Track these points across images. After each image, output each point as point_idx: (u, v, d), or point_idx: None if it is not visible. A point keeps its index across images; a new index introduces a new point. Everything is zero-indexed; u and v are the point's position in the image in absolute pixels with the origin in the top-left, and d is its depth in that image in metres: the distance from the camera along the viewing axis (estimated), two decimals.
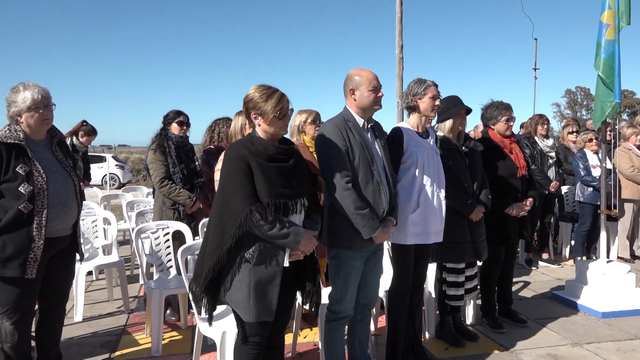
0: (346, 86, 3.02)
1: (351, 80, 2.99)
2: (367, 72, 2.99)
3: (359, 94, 2.96)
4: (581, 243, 6.48)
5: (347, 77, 3.02)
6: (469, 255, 3.77)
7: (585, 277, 4.96)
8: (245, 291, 2.46)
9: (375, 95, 2.96)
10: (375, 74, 3.00)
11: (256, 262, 2.45)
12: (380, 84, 3.00)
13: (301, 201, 2.54)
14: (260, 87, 2.56)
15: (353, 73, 3.01)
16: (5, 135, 2.90)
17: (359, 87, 2.95)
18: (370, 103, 2.96)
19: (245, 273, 2.46)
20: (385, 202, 2.97)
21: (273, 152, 2.49)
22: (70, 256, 3.22)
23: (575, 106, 67.11)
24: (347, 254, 2.95)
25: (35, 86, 2.98)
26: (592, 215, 6.32)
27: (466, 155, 3.86)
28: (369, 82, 2.95)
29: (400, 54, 10.89)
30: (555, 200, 6.86)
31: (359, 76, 2.97)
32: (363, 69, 3.01)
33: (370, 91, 2.95)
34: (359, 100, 2.96)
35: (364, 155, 2.90)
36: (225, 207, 2.43)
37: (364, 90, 2.94)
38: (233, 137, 4.08)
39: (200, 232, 4.16)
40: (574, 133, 7.05)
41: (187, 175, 4.58)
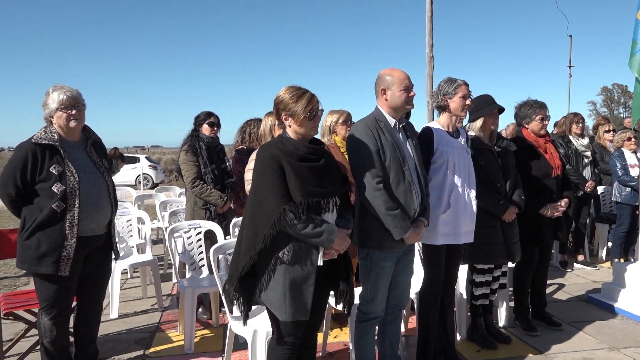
0: (377, 86, 3.01)
1: (382, 80, 2.98)
2: (399, 71, 2.98)
3: (391, 93, 2.94)
4: (619, 245, 6.31)
5: (379, 77, 3.01)
6: (502, 256, 3.70)
7: (623, 280, 4.82)
8: (281, 291, 2.47)
9: (407, 94, 2.94)
10: (406, 74, 2.98)
11: (290, 261, 2.46)
12: (412, 83, 2.98)
13: (333, 200, 2.55)
14: (290, 88, 2.57)
15: (384, 73, 2.99)
16: (41, 136, 3.00)
17: (391, 87, 2.94)
18: (402, 103, 2.94)
19: (280, 273, 2.47)
20: (417, 202, 2.95)
21: (304, 152, 2.50)
22: (106, 255, 3.30)
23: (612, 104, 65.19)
24: (378, 255, 2.94)
25: (63, 87, 3.07)
26: (630, 216, 6.15)
27: (499, 155, 3.80)
28: (401, 81, 2.93)
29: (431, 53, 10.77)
30: (591, 200, 6.69)
31: (390, 76, 2.96)
32: (394, 69, 3.00)
33: (402, 91, 2.93)
34: (391, 100, 2.95)
35: (395, 156, 2.89)
36: (259, 207, 2.44)
37: (396, 90, 2.93)
38: (263, 138, 4.12)
39: (232, 232, 4.21)
40: (610, 132, 6.86)
41: (218, 175, 4.63)
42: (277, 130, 3.99)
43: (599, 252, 6.87)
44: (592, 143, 6.69)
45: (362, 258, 3.00)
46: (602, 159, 6.70)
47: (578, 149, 6.21)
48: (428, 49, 10.81)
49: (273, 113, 3.47)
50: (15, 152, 3.02)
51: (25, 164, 2.94)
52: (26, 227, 2.99)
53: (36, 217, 2.96)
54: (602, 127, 7.07)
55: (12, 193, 2.99)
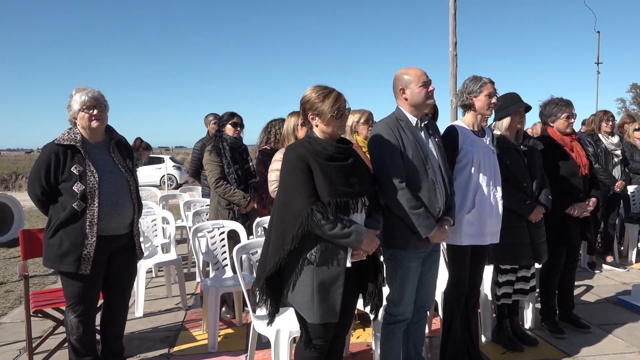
0: (395, 87, 3.00)
1: (400, 80, 2.97)
2: (414, 69, 2.97)
3: (410, 91, 2.93)
4: None
5: (395, 79, 3.00)
6: (528, 257, 3.64)
7: None
8: (309, 292, 2.45)
9: (426, 90, 2.92)
10: (422, 70, 2.96)
11: (319, 262, 2.44)
12: (430, 78, 2.96)
13: (362, 200, 2.52)
14: (316, 88, 2.56)
15: (400, 73, 2.98)
16: (63, 137, 3.09)
17: (409, 85, 2.93)
18: (423, 99, 2.92)
19: (308, 274, 2.44)
20: (441, 201, 2.92)
21: (332, 152, 2.48)
22: (130, 254, 3.34)
23: None
24: (403, 255, 2.92)
25: (85, 89, 3.14)
26: None
27: (525, 154, 3.74)
28: (418, 78, 2.92)
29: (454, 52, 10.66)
30: (620, 200, 6.54)
31: (407, 75, 2.95)
32: (410, 67, 2.99)
33: (420, 87, 2.91)
34: (411, 98, 2.93)
35: (418, 154, 2.86)
36: (286, 208, 2.43)
37: (415, 87, 2.91)
38: (286, 138, 4.12)
39: (255, 232, 4.23)
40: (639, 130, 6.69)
41: (242, 175, 4.66)
42: (300, 130, 3.99)
43: (629, 253, 6.71)
44: (622, 141, 6.54)
45: (387, 259, 2.98)
46: (632, 158, 6.54)
47: (608, 148, 6.09)
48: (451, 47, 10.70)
49: (296, 113, 3.46)
50: (40, 153, 3.13)
51: (48, 165, 3.04)
52: (50, 226, 3.08)
53: (59, 216, 3.04)
54: (630, 125, 6.91)
55: (38, 192, 3.09)
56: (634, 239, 6.66)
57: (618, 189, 6.03)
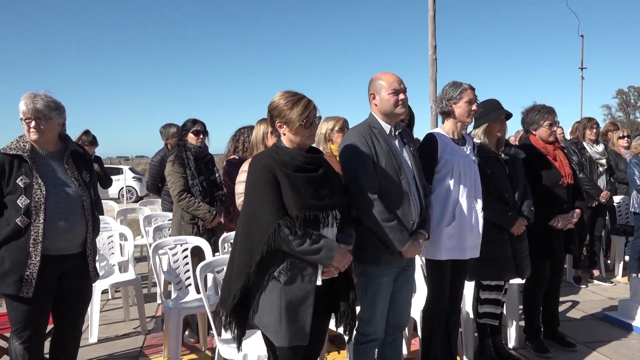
0: (369, 91, 3.05)
1: (372, 84, 3.02)
2: (388, 74, 3.01)
3: (379, 98, 2.98)
4: (637, 258, 6.27)
5: (369, 83, 3.06)
6: (510, 272, 3.71)
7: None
8: (276, 313, 2.44)
9: (396, 98, 2.96)
10: (397, 76, 3.01)
11: (287, 280, 2.44)
12: (404, 86, 3.00)
13: (333, 213, 2.54)
14: (285, 94, 2.57)
15: (374, 77, 3.03)
16: (11, 146, 2.99)
17: (380, 91, 2.98)
18: (391, 107, 2.96)
19: (275, 293, 2.44)
20: (416, 213, 2.96)
21: (300, 162, 2.50)
22: (84, 275, 3.23)
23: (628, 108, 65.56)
24: (375, 270, 2.94)
25: (31, 96, 3.00)
26: None
27: (506, 163, 3.82)
28: (389, 85, 2.96)
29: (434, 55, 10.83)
30: (606, 211, 6.69)
31: (379, 80, 3.00)
32: (385, 72, 3.04)
33: (390, 94, 2.95)
34: (380, 105, 2.98)
35: (391, 164, 2.90)
36: (252, 222, 2.43)
37: (384, 94, 2.96)
38: (254, 147, 4.12)
39: (221, 248, 4.20)
40: (625, 138, 6.88)
41: (207, 187, 4.63)
42: (270, 138, 4.00)
43: (615, 266, 6.87)
44: (607, 150, 6.70)
45: (358, 274, 2.99)
46: (618, 167, 6.71)
47: (592, 157, 6.21)
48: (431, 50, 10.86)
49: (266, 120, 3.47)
50: None
51: None
52: None
53: (2, 232, 2.94)
54: (615, 133, 7.10)
55: None
56: (620, 251, 6.82)
57: (603, 200, 6.17)
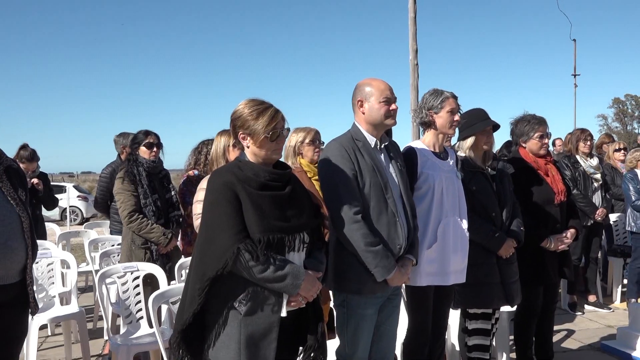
0: (354, 98, 3.08)
1: (360, 90, 3.05)
2: (379, 81, 3.06)
3: (369, 106, 3.00)
4: (635, 282, 6.37)
5: (356, 88, 3.09)
6: (499, 298, 3.73)
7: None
8: (234, 348, 2.42)
9: (387, 107, 3.00)
10: (388, 84, 3.06)
11: (247, 311, 2.43)
12: (395, 96, 3.05)
13: (300, 236, 2.54)
14: (250, 102, 2.58)
15: (362, 83, 3.07)
16: None
17: (369, 98, 3.00)
18: (381, 117, 3.00)
19: (234, 326, 2.43)
20: (403, 236, 2.97)
21: (265, 178, 2.50)
22: (19, 309, 3.15)
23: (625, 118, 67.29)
24: (358, 300, 2.94)
25: None
26: None
27: (493, 179, 3.87)
28: (381, 92, 3.00)
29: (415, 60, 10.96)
30: (602, 230, 6.78)
31: (369, 86, 3.03)
32: (374, 78, 3.08)
33: (381, 103, 2.99)
34: (368, 114, 3.01)
35: (377, 181, 2.92)
36: (209, 246, 2.41)
37: (374, 102, 2.99)
38: (215, 161, 4.10)
39: (177, 276, 4.16)
40: (621, 150, 7.02)
41: (162, 207, 4.60)
42: (232, 152, 3.99)
43: (613, 291, 6.95)
44: (602, 164, 6.82)
45: (339, 305, 2.99)
46: (614, 182, 6.81)
47: (587, 171, 6.30)
48: (412, 55, 10.99)
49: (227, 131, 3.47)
50: None
51: None
52: None
53: None
54: (610, 145, 7.24)
55: None
56: (618, 274, 6.89)
57: (599, 218, 6.26)
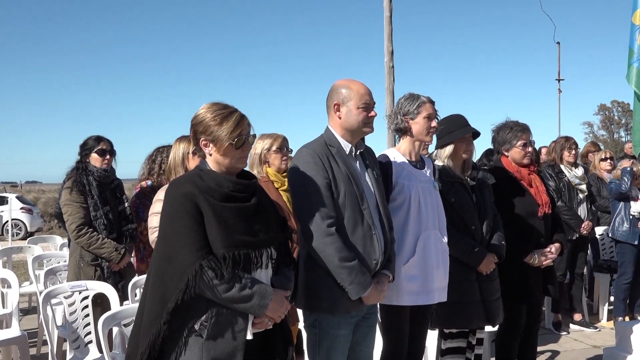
0: (330, 100, 3.07)
1: (337, 93, 3.05)
2: (358, 84, 3.06)
3: (346, 111, 3.01)
4: (622, 299, 6.45)
5: (332, 90, 3.08)
6: (479, 318, 3.76)
7: (629, 344, 4.96)
8: None
9: (366, 114, 3.00)
10: (368, 88, 3.06)
11: (210, 334, 2.41)
12: (374, 101, 3.06)
13: (267, 252, 2.54)
14: (213, 106, 2.57)
15: (340, 84, 3.07)
16: None
17: (347, 102, 3.00)
18: (359, 123, 3.01)
19: (195, 351, 2.41)
20: (379, 250, 2.98)
21: (229, 189, 2.50)
22: None
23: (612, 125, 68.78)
24: (330, 320, 2.93)
25: None
26: (635, 261, 6.31)
27: (473, 189, 3.91)
28: (360, 97, 3.00)
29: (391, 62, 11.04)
30: (588, 245, 6.86)
31: (347, 89, 3.02)
32: (353, 80, 3.08)
33: (360, 109, 2.99)
34: (345, 119, 3.01)
35: (352, 191, 2.92)
36: (168, 263, 2.40)
37: (353, 107, 2.99)
38: (172, 170, 4.07)
39: (130, 295, 4.12)
40: (607, 160, 7.13)
41: (114, 220, 4.58)
42: (192, 160, 3.97)
43: (600, 309, 7.03)
44: (587, 174, 6.91)
45: (310, 325, 2.99)
46: (600, 194, 6.90)
47: (571, 182, 6.38)
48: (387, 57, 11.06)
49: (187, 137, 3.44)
50: None
51: None
52: None
53: None
54: (596, 154, 7.35)
55: None
56: (605, 291, 6.96)
57: (585, 231, 6.32)
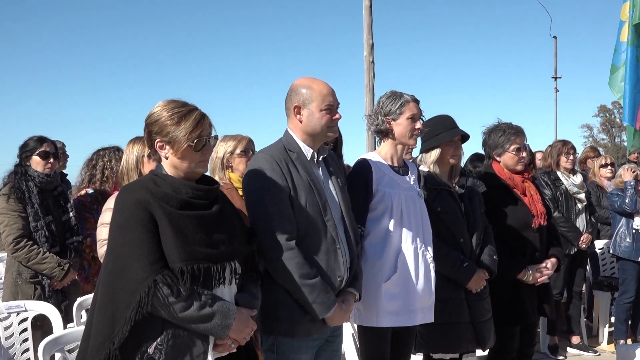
0: (289, 101, 3.06)
1: (297, 93, 3.03)
2: (320, 83, 3.05)
3: (307, 113, 3.00)
4: (623, 320, 6.49)
5: (292, 90, 3.07)
6: (468, 341, 3.78)
7: None
8: None
9: (330, 117, 3.00)
10: (331, 88, 3.05)
11: (166, 359, 2.40)
12: (338, 101, 3.05)
13: (231, 266, 2.55)
14: (170, 104, 2.57)
15: (300, 84, 3.05)
16: None
17: (308, 104, 3.00)
18: (322, 128, 3.00)
19: None
20: (344, 266, 2.98)
21: (188, 196, 2.50)
22: None
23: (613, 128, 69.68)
24: (290, 344, 2.92)
25: None
26: (638, 279, 6.37)
27: (462, 198, 3.93)
28: (323, 98, 2.99)
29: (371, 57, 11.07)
30: (587, 260, 6.90)
31: (308, 89, 3.01)
32: (314, 79, 3.07)
33: (323, 111, 2.99)
34: (307, 123, 3.00)
35: (313, 201, 2.92)
36: (117, 279, 2.39)
37: (315, 110, 2.99)
38: (125, 175, 4.02)
39: (75, 317, 4.07)
40: (608, 166, 7.18)
41: (57, 231, 4.56)
42: (147, 164, 3.93)
43: (600, 330, 7.06)
44: (586, 181, 6.96)
45: (267, 350, 2.98)
46: (600, 203, 6.97)
47: (569, 190, 6.41)
48: (366, 51, 11.10)
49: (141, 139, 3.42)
50: None
51: None
52: None
53: None
54: (595, 160, 7.41)
55: None
56: (605, 311, 6.99)
57: (584, 245, 6.35)
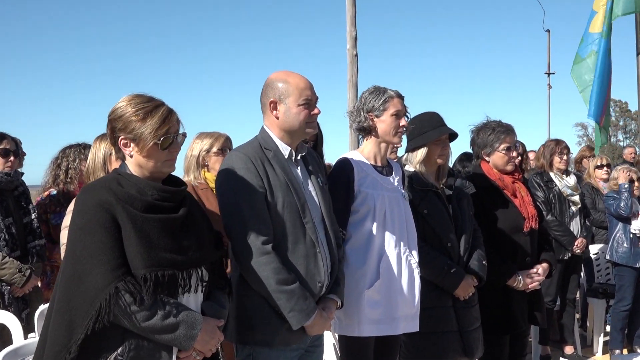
0: (265, 97, 3.07)
1: (273, 88, 3.05)
2: (297, 77, 3.06)
3: (284, 109, 3.01)
4: (619, 329, 6.50)
5: (267, 85, 3.08)
6: (455, 350, 3.80)
7: None
8: None
9: (308, 112, 3.02)
10: (309, 82, 3.07)
11: None
12: (317, 95, 3.07)
13: (198, 273, 2.56)
14: (135, 99, 2.56)
15: (276, 78, 3.07)
16: None
17: (285, 99, 3.01)
18: (300, 124, 3.02)
19: None
20: (325, 272, 3.00)
21: (153, 197, 2.50)
22: None
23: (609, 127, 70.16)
24: (267, 355, 2.93)
25: None
26: (635, 285, 6.41)
27: (449, 200, 3.96)
28: (300, 92, 3.01)
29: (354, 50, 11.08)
30: (581, 266, 6.91)
31: (284, 83, 3.03)
32: (291, 73, 3.09)
33: (301, 106, 3.01)
34: (284, 119, 3.02)
35: (291, 201, 2.94)
36: (76, 286, 2.38)
37: (292, 105, 3.00)
38: (92, 175, 4.01)
39: (37, 326, 4.05)
40: (603, 167, 7.21)
41: (17, 234, 4.55)
42: (115, 162, 3.92)
43: (594, 340, 7.08)
44: (581, 183, 7.01)
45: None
46: (595, 206, 7.01)
47: (563, 192, 6.44)
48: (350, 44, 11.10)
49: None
50: None
51: None
52: None
53: None
54: (591, 161, 7.44)
55: None
56: (600, 320, 7.01)
57: (578, 250, 6.37)
